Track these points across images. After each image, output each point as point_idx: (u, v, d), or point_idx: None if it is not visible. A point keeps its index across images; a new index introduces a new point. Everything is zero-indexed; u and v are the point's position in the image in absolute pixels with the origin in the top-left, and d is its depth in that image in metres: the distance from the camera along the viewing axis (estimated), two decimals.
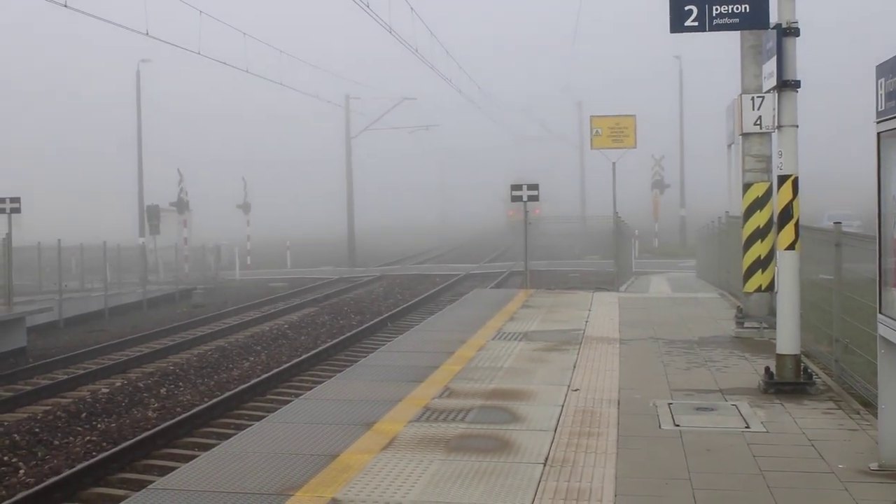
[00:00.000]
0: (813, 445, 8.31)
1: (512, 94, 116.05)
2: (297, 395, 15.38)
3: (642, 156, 50.23)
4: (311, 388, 15.15)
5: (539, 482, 7.29)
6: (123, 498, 10.54)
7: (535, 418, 9.36)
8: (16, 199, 28.83)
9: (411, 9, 36.73)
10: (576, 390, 10.74)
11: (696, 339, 14.67)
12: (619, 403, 10.04)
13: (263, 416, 13.29)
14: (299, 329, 26.26)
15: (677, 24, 10.76)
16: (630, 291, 25.59)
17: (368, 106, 62.12)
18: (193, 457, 11.76)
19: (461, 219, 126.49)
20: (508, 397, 10.37)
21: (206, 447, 12.92)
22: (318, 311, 30.95)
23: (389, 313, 28.66)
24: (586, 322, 16.99)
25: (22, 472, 12.81)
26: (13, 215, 28.73)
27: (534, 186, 26.20)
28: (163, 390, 18.08)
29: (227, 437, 13.00)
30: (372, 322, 26.52)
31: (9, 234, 26.44)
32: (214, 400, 16.26)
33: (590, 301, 20.80)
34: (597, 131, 29.40)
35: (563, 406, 9.91)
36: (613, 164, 30.45)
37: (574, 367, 12.29)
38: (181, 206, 49.65)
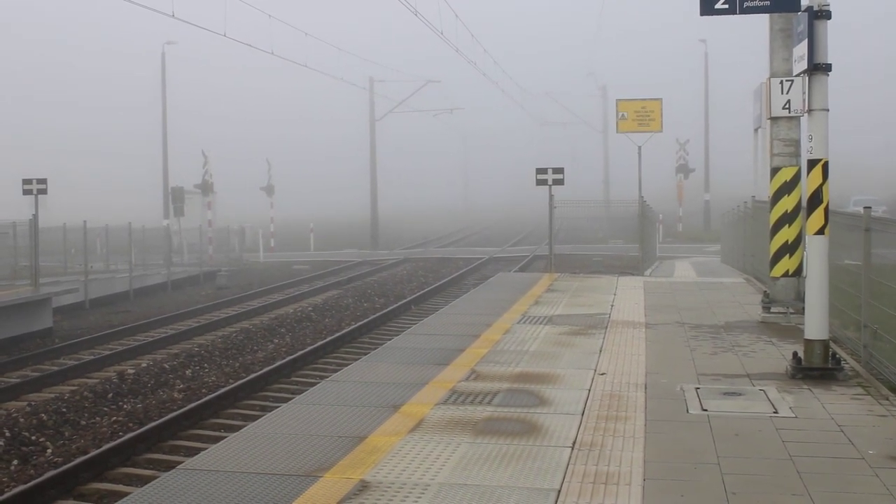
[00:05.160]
0: (842, 431, 8.26)
1: (536, 77, 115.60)
2: (321, 378, 15.43)
3: (667, 140, 50.01)
4: (335, 371, 15.20)
5: (567, 465, 7.28)
6: (151, 478, 10.60)
7: (563, 402, 9.34)
8: (42, 181, 28.94)
9: None
10: (602, 374, 10.71)
11: (723, 324, 14.60)
12: (646, 387, 10.01)
13: (288, 398, 13.35)
14: (323, 311, 26.31)
15: (707, 7, 10.67)
16: (655, 276, 25.52)
17: (393, 89, 62.12)
18: (220, 438, 11.83)
19: (484, 202, 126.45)
20: (535, 381, 10.35)
21: (232, 428, 13.00)
22: (342, 293, 31.01)
23: (413, 296, 28.68)
24: (612, 306, 16.95)
25: (49, 451, 12.89)
26: (39, 196, 28.90)
27: (559, 170, 26.12)
28: (188, 371, 18.16)
29: (253, 418, 13.08)
30: (396, 305, 26.54)
31: (35, 216, 26.55)
32: (240, 381, 16.31)
33: (615, 285, 20.75)
34: (622, 115, 29.34)
35: (589, 390, 9.89)
36: (639, 147, 30.34)
37: (600, 351, 12.26)
38: (206, 188, 49.79)
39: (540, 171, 26.54)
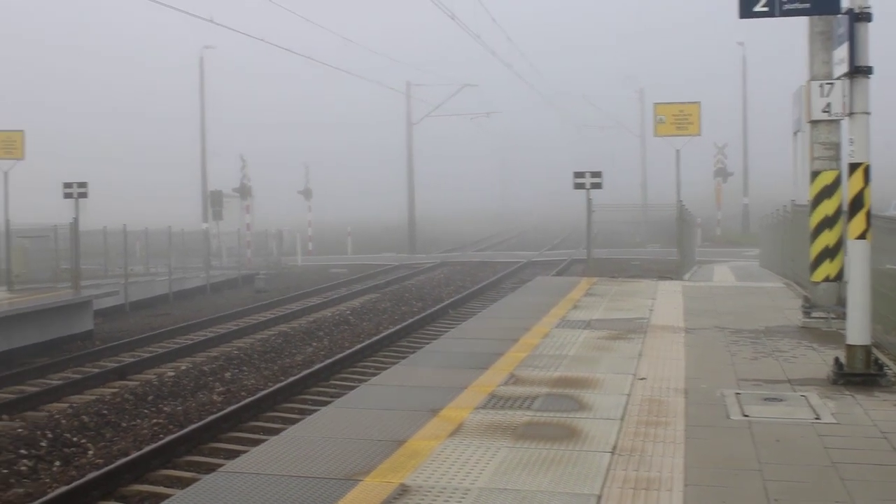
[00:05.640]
0: (886, 438, 8.19)
1: (572, 80, 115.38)
2: (360, 381, 15.49)
3: (705, 144, 49.79)
4: (373, 375, 15.26)
5: (607, 471, 7.26)
6: (191, 480, 10.67)
7: (602, 407, 9.31)
8: (83, 185, 29.26)
9: None
10: (642, 379, 10.67)
11: (763, 329, 14.51)
12: (685, 393, 9.96)
13: (327, 402, 13.39)
14: (361, 315, 26.38)
15: (746, 10, 10.62)
16: (694, 280, 25.38)
17: (430, 93, 62.19)
18: (259, 440, 11.89)
19: (521, 205, 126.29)
20: (574, 385, 10.33)
21: (271, 431, 13.06)
22: (380, 297, 31.07)
23: (451, 300, 28.69)
24: (650, 311, 16.88)
25: (91, 452, 13.01)
26: (80, 201, 29.17)
27: (597, 174, 26.08)
28: (227, 374, 18.26)
29: (292, 421, 13.14)
30: (434, 309, 26.57)
31: (76, 219, 26.80)
32: (278, 385, 16.39)
33: (653, 290, 20.67)
34: (660, 119, 29.23)
35: (629, 395, 9.85)
36: (677, 151, 30.20)
37: (639, 355, 12.22)
38: (244, 191, 50.03)
39: (578, 174, 26.53)
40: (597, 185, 26.16)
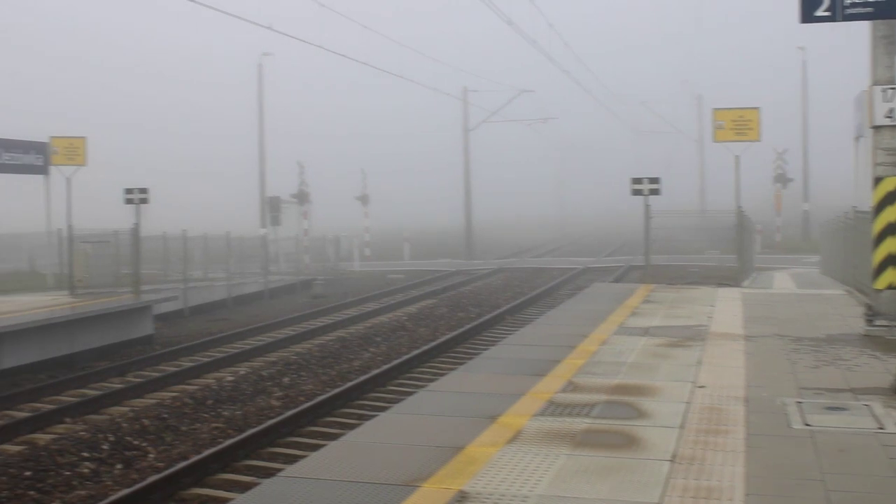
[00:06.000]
0: None
1: (630, 85, 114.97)
2: (417, 387, 15.52)
3: (764, 149, 49.31)
4: (431, 380, 15.28)
5: (667, 479, 7.21)
6: (250, 484, 10.76)
7: (661, 414, 9.26)
8: (144, 190, 29.59)
9: (530, 1, 36.69)
10: (701, 387, 10.59)
11: (824, 337, 14.34)
12: (746, 401, 9.86)
13: (384, 407, 13.43)
14: (418, 321, 26.42)
15: (808, 15, 10.56)
16: (753, 287, 25.15)
17: (486, 98, 62.22)
18: (317, 445, 11.96)
19: (578, 211, 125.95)
20: (633, 393, 10.27)
21: (329, 436, 13.11)
22: (437, 303, 31.11)
23: (508, 306, 28.66)
24: (709, 318, 16.75)
25: (151, 456, 13.14)
26: (140, 206, 29.50)
27: (655, 180, 25.91)
28: (286, 379, 18.36)
29: (349, 426, 13.19)
30: (491, 315, 26.55)
31: (137, 224, 27.09)
32: (336, 390, 16.45)
33: (712, 297, 20.51)
34: (720, 124, 29.01)
35: (688, 403, 9.78)
36: (737, 157, 29.95)
37: (699, 363, 12.13)
38: (302, 197, 50.31)
39: (635, 180, 26.34)
40: (655, 192, 25.96)
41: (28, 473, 11.96)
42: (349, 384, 16.96)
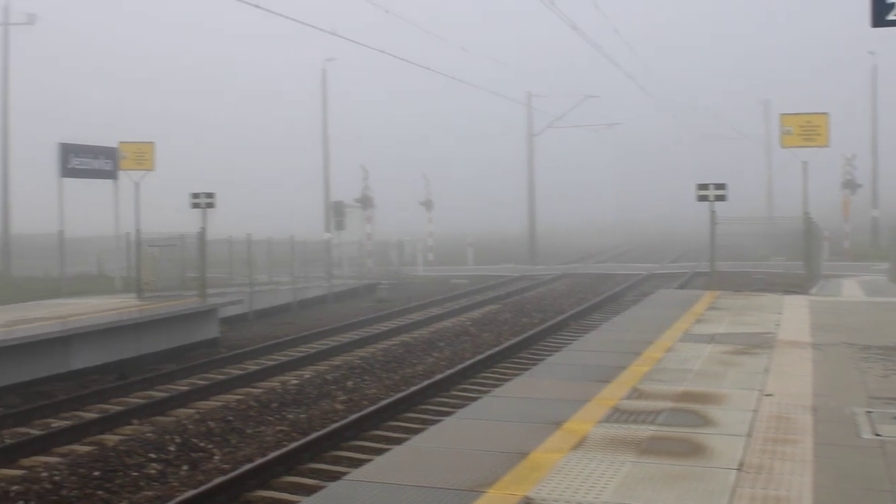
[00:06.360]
0: None
1: (695, 90, 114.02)
2: (481, 392, 15.52)
3: (832, 154, 48.67)
4: (495, 386, 15.28)
5: (734, 488, 7.14)
6: (315, 488, 10.83)
7: (728, 423, 9.17)
8: (210, 195, 29.93)
9: (595, 5, 36.57)
10: (768, 395, 10.48)
11: (893, 346, 14.12)
12: (814, 410, 9.74)
13: (448, 412, 13.45)
14: (482, 326, 26.41)
15: (879, 19, 10.42)
16: (821, 294, 24.84)
17: (550, 103, 62.08)
18: (381, 450, 12.00)
19: (642, 217, 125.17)
20: (699, 400, 10.19)
21: (393, 440, 13.16)
22: (500, 308, 31.07)
23: (572, 312, 28.56)
24: (776, 325, 16.58)
25: (217, 458, 13.27)
26: (206, 210, 29.82)
27: (721, 186, 25.71)
28: (350, 383, 18.44)
29: (413, 431, 13.23)
30: (554, 321, 26.47)
31: (203, 228, 27.38)
32: (400, 394, 16.49)
33: (779, 304, 20.30)
34: (787, 130, 28.71)
35: (755, 411, 9.68)
36: (804, 162, 29.61)
37: (765, 371, 12.00)
38: (365, 202, 50.52)
39: (701, 186, 26.19)
40: (721, 198, 25.79)
41: (97, 473, 12.12)
42: (413, 389, 17.00)
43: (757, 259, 50.70)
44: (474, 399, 12.93)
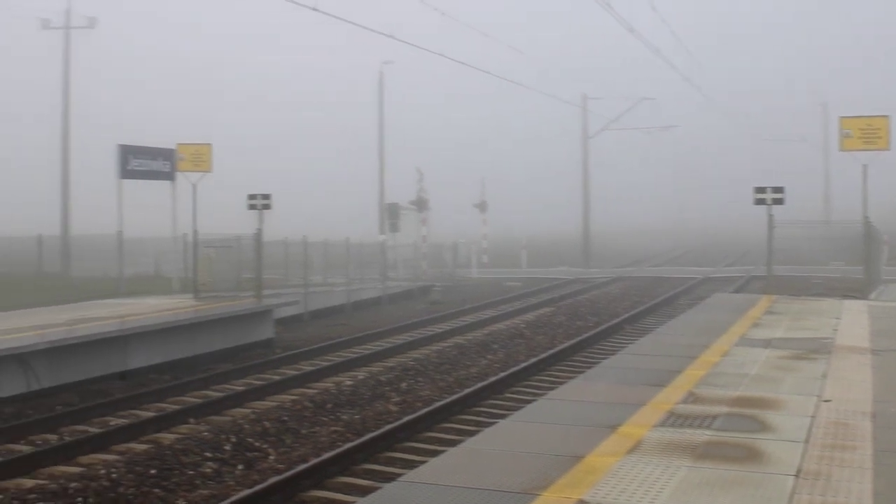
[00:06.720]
0: None
1: (753, 92, 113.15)
2: (535, 395, 15.48)
3: (893, 157, 48.01)
4: (549, 389, 15.24)
5: (791, 494, 7.06)
6: (369, 488, 10.86)
7: (785, 428, 9.08)
8: (266, 196, 30.09)
9: (653, 8, 36.39)
10: (827, 401, 10.36)
11: None
12: (873, 416, 9.62)
13: (502, 414, 13.44)
14: (536, 328, 26.36)
15: None
16: (881, 300, 24.53)
17: (605, 106, 61.81)
18: (435, 451, 12.01)
19: (697, 220, 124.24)
20: (755, 405, 10.10)
21: (447, 442, 13.17)
22: (555, 311, 31.00)
23: (626, 315, 28.43)
24: (835, 330, 16.39)
25: (272, 457, 13.34)
26: (263, 211, 30.00)
27: (779, 189, 25.45)
28: (403, 384, 18.47)
29: (467, 433, 13.24)
30: (609, 324, 26.37)
31: (259, 230, 27.55)
32: (454, 396, 16.50)
33: (837, 309, 20.07)
34: (847, 132, 28.35)
35: (813, 417, 9.58)
36: (864, 166, 29.25)
37: (823, 376, 11.87)
38: (420, 204, 50.59)
39: (758, 189, 25.94)
40: (778, 201, 25.52)
41: (153, 472, 12.24)
42: (467, 391, 17.00)
43: (815, 263, 50.15)
44: (528, 402, 12.89)
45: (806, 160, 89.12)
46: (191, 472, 12.42)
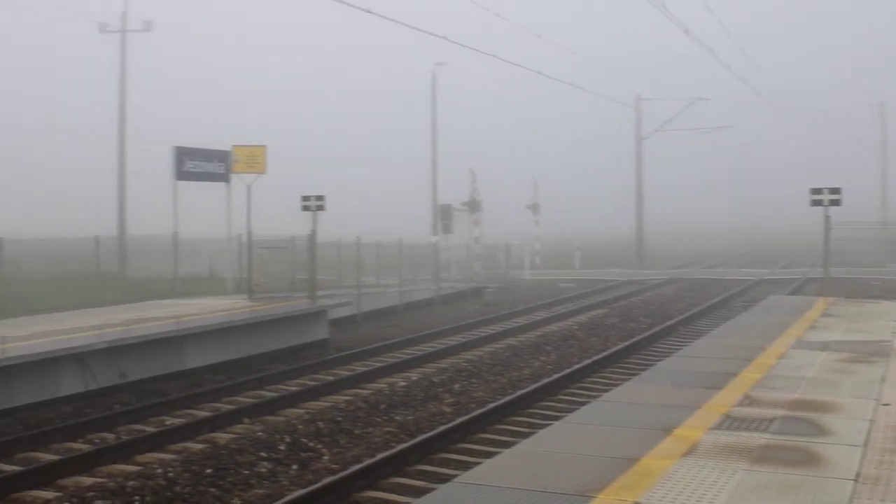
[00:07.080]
0: None
1: (810, 94, 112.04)
2: (588, 397, 15.44)
3: None
4: (602, 391, 15.19)
5: (850, 499, 6.98)
6: (423, 489, 10.87)
7: (843, 432, 8.98)
8: (320, 198, 30.20)
9: (708, 9, 36.15)
10: (886, 405, 10.23)
11: None
12: None
13: (555, 416, 13.41)
14: (589, 330, 26.27)
15: None
16: None
17: (659, 106, 61.48)
18: (489, 453, 12.01)
19: (752, 221, 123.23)
20: (813, 409, 10.00)
21: (500, 444, 13.15)
22: (608, 312, 30.87)
23: (680, 317, 28.25)
24: (893, 333, 16.18)
25: (326, 458, 13.39)
26: (317, 213, 30.12)
27: (836, 190, 25.17)
28: (456, 386, 18.47)
29: (520, 434, 13.22)
30: (662, 326, 26.21)
31: (313, 231, 27.68)
32: (507, 398, 16.47)
33: (895, 311, 19.81)
34: None
35: (872, 420, 9.46)
36: None
37: (882, 380, 11.72)
38: (473, 205, 50.56)
39: (815, 190, 25.65)
40: (835, 202, 25.23)
41: (209, 471, 12.33)
42: (520, 392, 16.96)
43: (872, 265, 49.55)
44: (582, 404, 12.87)
45: (864, 161, 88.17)
46: (246, 472, 12.50)
